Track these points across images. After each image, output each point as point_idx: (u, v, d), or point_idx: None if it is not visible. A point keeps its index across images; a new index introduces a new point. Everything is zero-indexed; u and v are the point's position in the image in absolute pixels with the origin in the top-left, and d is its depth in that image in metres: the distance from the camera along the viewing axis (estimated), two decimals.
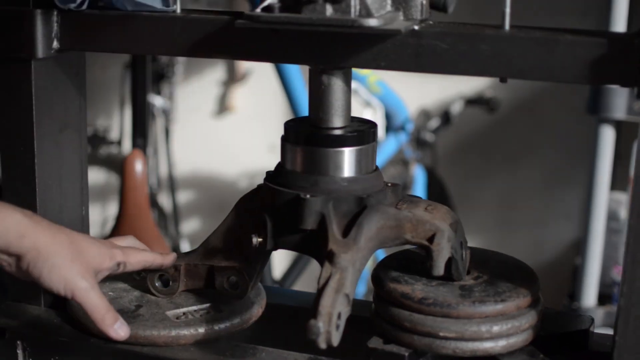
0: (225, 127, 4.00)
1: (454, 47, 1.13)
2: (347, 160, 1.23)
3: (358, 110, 3.24)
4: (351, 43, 1.16)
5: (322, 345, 1.04)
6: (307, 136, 1.23)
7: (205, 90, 3.97)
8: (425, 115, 3.61)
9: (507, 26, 1.12)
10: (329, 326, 1.05)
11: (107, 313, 1.25)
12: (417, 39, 1.14)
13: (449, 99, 3.60)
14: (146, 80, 3.38)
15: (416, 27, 1.14)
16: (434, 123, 3.53)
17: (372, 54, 1.16)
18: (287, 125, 1.26)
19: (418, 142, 3.43)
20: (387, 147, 3.24)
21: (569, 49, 1.08)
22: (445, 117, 3.52)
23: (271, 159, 1.29)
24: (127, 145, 3.59)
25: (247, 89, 3.91)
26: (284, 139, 1.26)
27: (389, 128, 3.32)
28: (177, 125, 3.81)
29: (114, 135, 3.83)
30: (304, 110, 2.41)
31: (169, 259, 1.33)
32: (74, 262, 1.22)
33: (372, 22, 1.10)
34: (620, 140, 2.93)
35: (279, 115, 3.79)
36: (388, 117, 3.31)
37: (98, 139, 3.68)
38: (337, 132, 1.24)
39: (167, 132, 3.69)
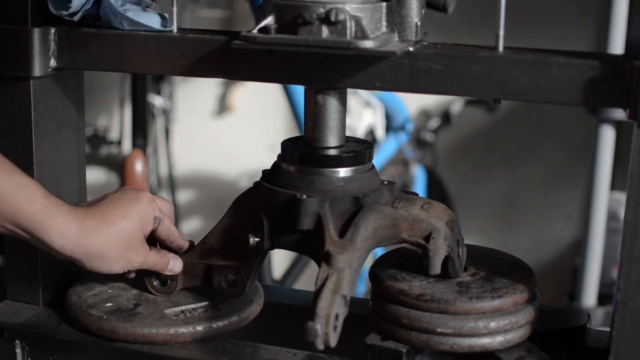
0: (225, 127, 4.00)
1: (448, 68, 1.14)
2: None
3: (358, 110, 3.25)
4: (347, 64, 1.18)
5: (320, 346, 1.05)
6: (302, 156, 1.24)
7: (205, 90, 3.97)
8: (425, 115, 3.62)
9: (500, 48, 1.14)
10: (327, 328, 1.05)
11: (160, 264, 1.32)
12: (411, 60, 1.15)
13: (449, 99, 3.60)
14: (146, 80, 3.38)
15: (411, 49, 1.15)
16: (434, 123, 3.53)
17: (367, 75, 1.17)
18: (284, 145, 1.27)
19: (418, 142, 3.43)
20: (387, 147, 3.25)
21: (562, 71, 1.10)
22: (445, 117, 3.52)
23: (271, 159, 1.29)
24: (127, 145, 3.59)
25: (247, 89, 3.92)
26: (280, 158, 1.27)
27: (389, 128, 3.33)
28: (177, 125, 3.81)
29: (114, 135, 3.83)
30: None
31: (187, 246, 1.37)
32: (127, 251, 1.26)
33: (368, 44, 1.11)
34: (620, 140, 2.93)
35: (279, 115, 3.79)
36: (388, 117, 3.31)
37: (98, 139, 3.69)
38: (332, 152, 1.25)
39: (167, 132, 3.69)
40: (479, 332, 1.15)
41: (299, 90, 2.77)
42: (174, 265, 1.32)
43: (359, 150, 1.25)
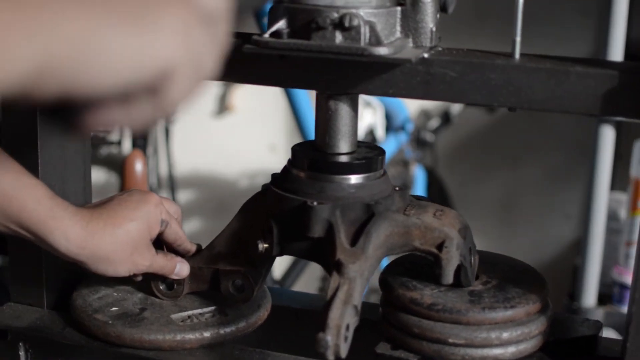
0: (225, 127, 3.99)
1: (463, 75, 1.12)
2: None
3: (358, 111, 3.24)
4: (360, 71, 1.16)
5: (331, 357, 1.04)
6: (313, 162, 1.23)
7: (205, 91, 3.95)
8: (425, 115, 3.61)
9: (517, 55, 1.12)
10: (338, 339, 1.04)
11: (167, 267, 1.31)
12: (426, 67, 1.14)
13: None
14: None
15: (426, 55, 1.14)
16: (434, 123, 3.53)
17: (381, 82, 1.16)
18: (294, 150, 1.26)
19: (418, 142, 3.42)
20: (387, 147, 3.23)
21: (580, 80, 1.08)
22: (445, 117, 3.51)
23: (271, 159, 1.28)
24: (127, 145, 3.58)
25: (247, 89, 3.90)
26: (290, 163, 1.25)
27: (389, 128, 3.32)
28: (177, 125, 3.80)
29: (114, 135, 3.82)
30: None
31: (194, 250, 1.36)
32: (133, 254, 1.25)
33: (382, 51, 1.09)
34: (620, 140, 2.93)
35: (279, 115, 3.78)
36: (388, 117, 3.30)
37: (98, 139, 3.67)
38: (344, 158, 1.23)
39: (167, 132, 3.68)
40: (491, 343, 1.14)
41: (299, 92, 2.76)
42: (181, 269, 1.31)
43: (371, 157, 1.24)
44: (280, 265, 3.09)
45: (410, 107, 3.49)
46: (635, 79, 1.06)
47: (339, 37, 1.11)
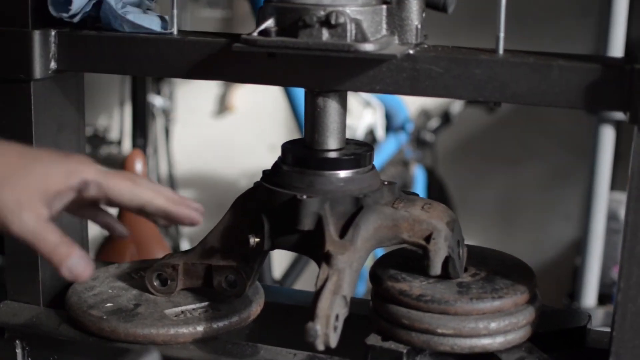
0: (225, 127, 4.00)
1: (448, 71, 1.14)
2: None
3: (358, 110, 3.25)
4: (347, 67, 1.18)
5: (320, 347, 1.05)
6: (302, 159, 1.24)
7: (205, 90, 3.97)
8: (425, 115, 3.62)
9: (500, 51, 1.14)
10: (327, 329, 1.05)
11: (57, 247, 1.03)
12: (412, 63, 1.16)
13: (449, 99, 3.60)
14: (146, 80, 3.38)
15: (411, 52, 1.16)
16: (434, 123, 3.54)
17: (367, 78, 1.18)
18: (284, 147, 1.27)
19: (418, 142, 3.43)
20: (387, 147, 3.25)
21: (563, 74, 1.10)
22: (445, 117, 3.52)
23: (271, 159, 1.30)
24: (127, 145, 3.59)
25: (247, 89, 3.92)
26: (280, 160, 1.27)
27: (389, 128, 3.33)
28: (177, 125, 3.82)
29: (114, 135, 3.83)
30: None
31: (192, 213, 1.22)
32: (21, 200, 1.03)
33: (368, 47, 1.11)
34: (620, 140, 2.93)
35: (279, 115, 3.79)
36: (388, 117, 3.31)
37: (98, 139, 3.68)
38: (333, 154, 1.25)
39: (167, 132, 3.69)
40: (479, 333, 1.15)
41: (299, 91, 2.77)
42: (77, 264, 1.03)
43: (359, 153, 1.25)
44: (280, 265, 3.10)
45: (410, 107, 3.50)
46: (617, 73, 1.07)
47: (325, 35, 1.12)
